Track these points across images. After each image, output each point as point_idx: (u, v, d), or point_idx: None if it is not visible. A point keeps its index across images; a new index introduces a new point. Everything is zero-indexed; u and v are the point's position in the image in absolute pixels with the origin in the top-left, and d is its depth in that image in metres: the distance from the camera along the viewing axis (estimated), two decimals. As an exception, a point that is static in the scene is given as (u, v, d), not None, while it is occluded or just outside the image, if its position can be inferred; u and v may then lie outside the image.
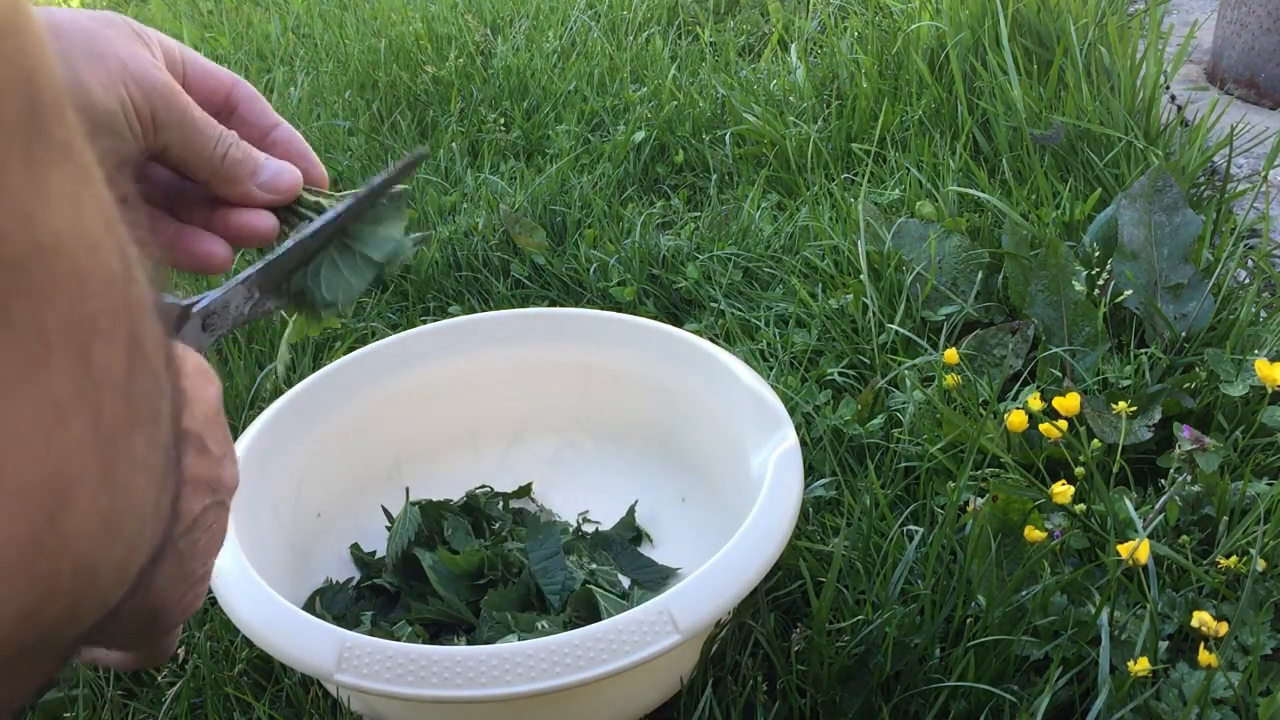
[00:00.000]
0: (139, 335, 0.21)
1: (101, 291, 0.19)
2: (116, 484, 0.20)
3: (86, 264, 0.18)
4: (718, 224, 1.24)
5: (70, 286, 0.18)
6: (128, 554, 0.22)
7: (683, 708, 0.67)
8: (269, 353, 1.08)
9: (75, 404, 0.18)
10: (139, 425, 0.21)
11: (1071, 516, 0.75)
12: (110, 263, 0.19)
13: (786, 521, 0.65)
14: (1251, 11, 1.51)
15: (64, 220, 0.18)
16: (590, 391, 0.91)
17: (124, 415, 0.20)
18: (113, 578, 0.21)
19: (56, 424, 0.18)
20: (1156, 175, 1.04)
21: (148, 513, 0.22)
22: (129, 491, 0.21)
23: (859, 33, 1.68)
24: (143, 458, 0.21)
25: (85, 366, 0.19)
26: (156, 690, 0.72)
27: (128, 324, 0.20)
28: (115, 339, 0.20)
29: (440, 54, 1.77)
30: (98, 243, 0.19)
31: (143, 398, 0.21)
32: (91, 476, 0.19)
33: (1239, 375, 0.86)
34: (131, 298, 0.20)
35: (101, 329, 0.19)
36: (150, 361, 0.21)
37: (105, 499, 0.20)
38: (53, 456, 0.18)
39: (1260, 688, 0.64)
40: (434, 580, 0.77)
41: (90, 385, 0.19)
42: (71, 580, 0.19)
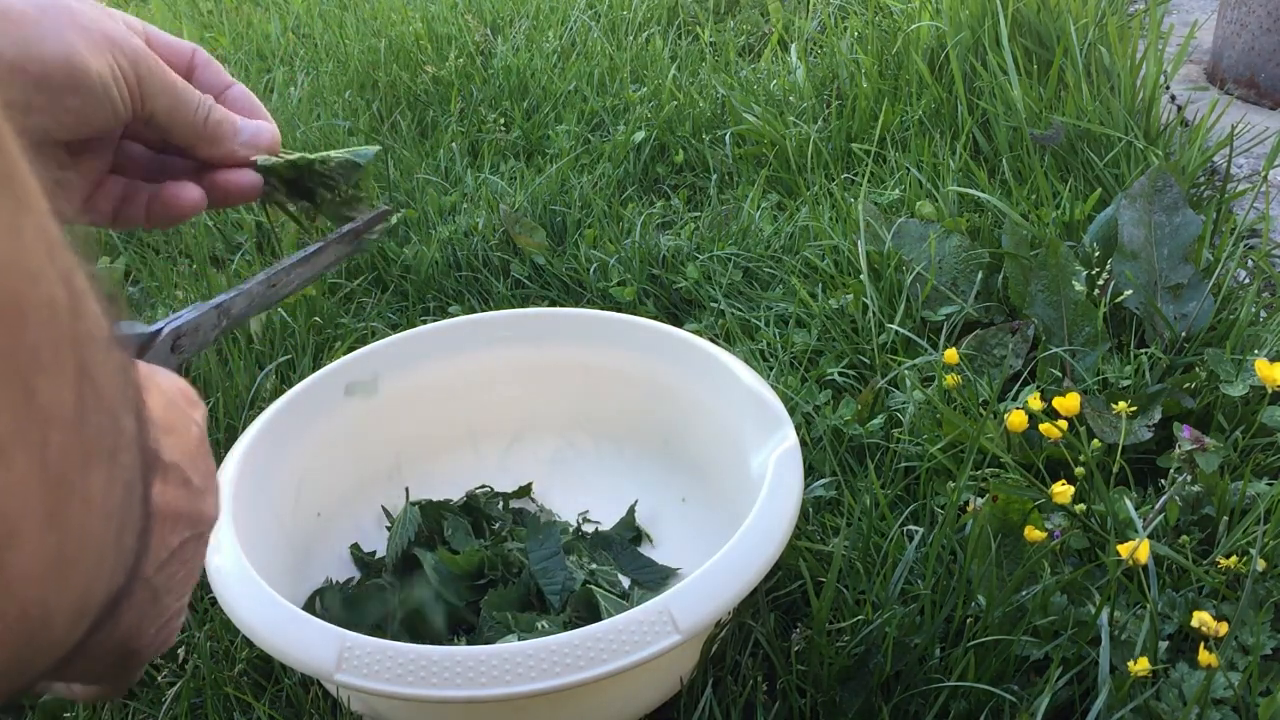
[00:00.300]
0: (89, 368, 0.20)
1: (44, 323, 0.18)
2: (68, 524, 0.19)
3: (27, 294, 0.18)
4: (718, 224, 1.24)
5: (10, 319, 0.17)
6: (83, 595, 0.21)
7: (683, 708, 0.67)
8: (269, 353, 1.08)
9: (16, 442, 0.18)
10: (94, 462, 0.20)
11: (1071, 516, 0.75)
12: (54, 294, 0.19)
13: (786, 521, 0.65)
14: (1251, 11, 1.51)
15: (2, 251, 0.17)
16: (590, 391, 0.91)
17: (75, 452, 0.19)
18: (66, 620, 0.21)
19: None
20: (1156, 175, 1.04)
21: (106, 551, 0.21)
22: (83, 531, 0.20)
23: (859, 33, 1.68)
24: (99, 495, 0.20)
25: (27, 401, 0.18)
26: (156, 690, 0.72)
27: (75, 357, 0.19)
28: (62, 372, 0.19)
29: (440, 54, 1.77)
30: (39, 273, 0.18)
31: (96, 434, 0.20)
32: (37, 517, 0.18)
33: (1239, 375, 0.86)
34: (80, 330, 0.20)
35: (44, 362, 0.18)
36: (103, 396, 0.20)
37: (54, 540, 0.19)
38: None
39: (1260, 688, 0.64)
40: (434, 580, 0.77)
41: (33, 421, 0.18)
42: (19, 625, 0.19)
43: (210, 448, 0.35)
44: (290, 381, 1.01)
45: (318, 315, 1.13)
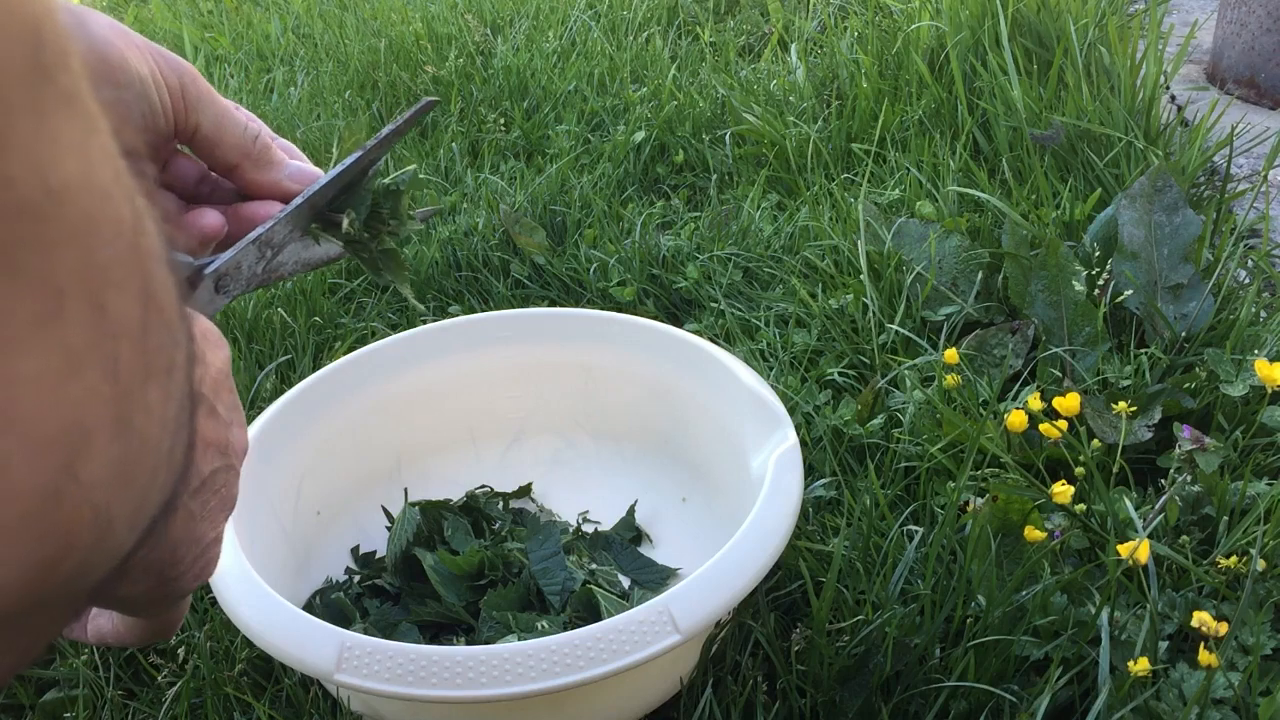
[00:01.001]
0: (152, 285, 0.21)
1: (113, 240, 0.19)
2: (132, 433, 0.20)
3: (97, 212, 0.18)
4: (718, 224, 1.24)
5: (82, 235, 0.18)
6: (141, 502, 0.22)
7: (683, 708, 0.67)
8: (269, 353, 1.08)
9: (90, 353, 0.18)
10: (154, 375, 0.21)
11: (1071, 516, 0.75)
12: (121, 212, 0.19)
13: (786, 521, 0.65)
14: (1251, 11, 1.51)
15: (73, 168, 0.18)
16: (590, 391, 0.91)
17: (139, 365, 0.20)
18: (126, 526, 0.21)
19: (71, 374, 0.18)
20: (1156, 175, 1.04)
21: (161, 462, 0.22)
22: (144, 441, 0.21)
23: (859, 33, 1.68)
24: (157, 408, 0.21)
25: (99, 316, 0.19)
26: (156, 690, 0.72)
27: (141, 273, 0.20)
28: (129, 288, 0.20)
29: (440, 54, 1.77)
30: (107, 191, 0.19)
31: (158, 348, 0.21)
32: (107, 426, 0.19)
33: (1239, 375, 0.86)
34: (143, 247, 0.20)
35: (115, 278, 0.19)
36: (164, 312, 0.21)
37: (120, 448, 0.20)
38: (69, 406, 0.18)
39: (1260, 688, 0.64)
40: (434, 581, 0.77)
41: (105, 335, 0.19)
42: (89, 529, 0.19)
43: (234, 383, 0.35)
44: (290, 381, 1.01)
45: (318, 315, 1.13)
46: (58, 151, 0.17)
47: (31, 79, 0.17)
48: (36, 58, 0.17)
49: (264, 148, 0.48)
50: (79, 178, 0.18)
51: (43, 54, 0.17)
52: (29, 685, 0.74)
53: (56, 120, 0.17)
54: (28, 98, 0.16)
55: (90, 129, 0.18)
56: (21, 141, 0.16)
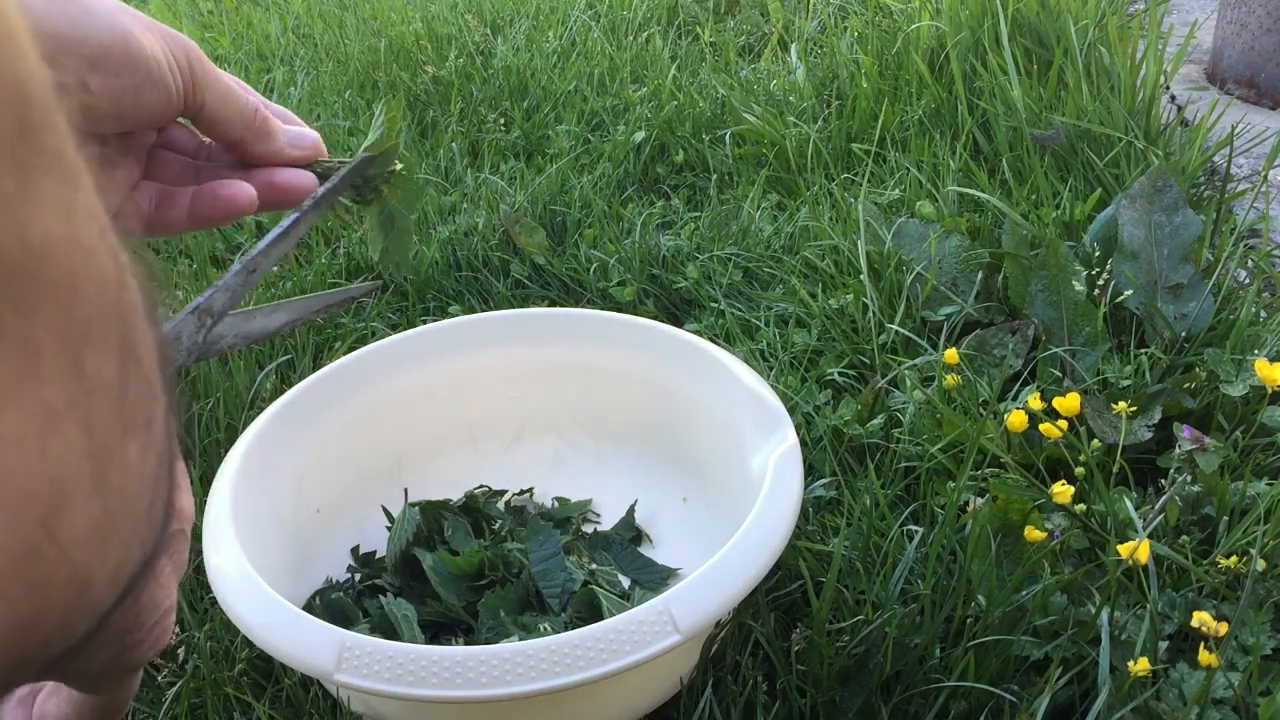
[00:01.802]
0: (132, 341, 0.21)
1: (94, 298, 0.19)
2: (110, 490, 0.20)
3: (79, 270, 0.18)
4: (718, 224, 1.24)
5: (62, 294, 0.18)
6: (121, 560, 0.22)
7: (683, 708, 0.67)
8: (269, 353, 1.08)
9: (68, 411, 0.18)
10: (132, 431, 0.21)
11: (1071, 516, 0.75)
12: (104, 268, 0.19)
13: (786, 521, 0.65)
14: (1251, 11, 1.51)
15: (55, 227, 0.18)
16: (590, 391, 0.91)
17: (116, 421, 0.20)
18: (106, 585, 0.21)
19: (50, 431, 0.18)
20: (1156, 175, 1.04)
21: (140, 518, 0.22)
22: (123, 497, 0.21)
23: (859, 33, 1.68)
24: (136, 463, 0.21)
25: (78, 373, 0.18)
26: (156, 690, 0.72)
27: (120, 329, 0.20)
28: (107, 345, 0.19)
29: (440, 54, 1.77)
30: (90, 248, 0.19)
31: (135, 403, 0.21)
32: (85, 483, 0.19)
33: (1239, 375, 0.86)
34: (124, 303, 0.20)
35: (94, 335, 0.19)
36: (143, 366, 0.21)
37: (99, 506, 0.20)
38: (47, 464, 0.18)
39: (1260, 688, 0.64)
40: (434, 581, 0.77)
41: (83, 392, 0.19)
42: (66, 589, 0.19)
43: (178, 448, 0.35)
44: (290, 381, 1.01)
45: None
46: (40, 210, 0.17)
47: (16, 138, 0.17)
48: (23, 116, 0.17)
49: (264, 120, 0.49)
50: (61, 236, 0.18)
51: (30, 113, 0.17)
52: (29, 685, 0.74)
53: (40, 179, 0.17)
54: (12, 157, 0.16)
55: (74, 186, 0.18)
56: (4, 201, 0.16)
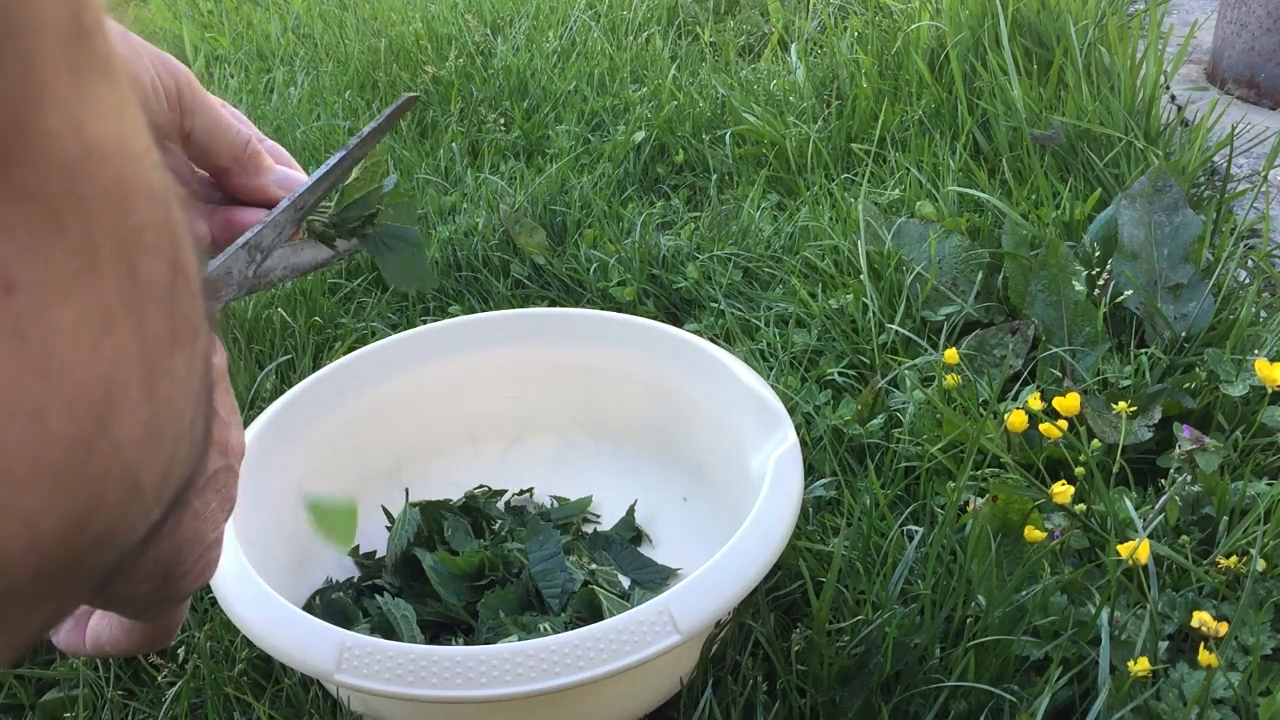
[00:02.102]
0: (180, 255, 0.21)
1: (146, 205, 0.19)
2: (159, 396, 0.20)
3: (132, 176, 0.19)
4: (718, 224, 1.24)
5: (118, 196, 0.18)
6: (166, 470, 0.22)
7: (683, 708, 0.67)
8: (269, 353, 1.08)
9: (123, 312, 0.19)
10: (179, 343, 0.21)
11: (1071, 516, 0.75)
12: (153, 180, 0.20)
13: (786, 521, 0.65)
14: (1251, 11, 1.51)
15: (109, 130, 0.18)
16: (590, 391, 0.91)
17: (166, 330, 0.20)
18: (153, 493, 0.22)
19: (105, 330, 0.18)
20: (1156, 175, 1.04)
21: (184, 432, 0.22)
22: (170, 406, 0.21)
23: (859, 33, 1.68)
24: (182, 375, 0.21)
25: (132, 276, 0.19)
26: (156, 690, 0.72)
27: (170, 241, 0.20)
28: (160, 254, 0.20)
29: (440, 54, 1.77)
30: (140, 158, 0.19)
31: (184, 317, 0.21)
32: (138, 385, 0.19)
33: (1239, 375, 0.86)
34: (173, 218, 0.21)
35: (147, 242, 0.19)
36: (191, 283, 0.22)
37: (149, 410, 0.20)
38: (102, 361, 0.18)
39: (1260, 688, 0.64)
40: (434, 581, 0.77)
41: (137, 296, 0.19)
42: (119, 488, 0.20)
43: (230, 384, 0.35)
44: (290, 381, 1.01)
45: (318, 315, 1.13)
46: (95, 111, 0.17)
47: (72, 38, 0.17)
48: (78, 18, 0.17)
49: (254, 154, 0.48)
50: (114, 140, 0.18)
51: (84, 15, 0.17)
52: (29, 685, 0.74)
53: (94, 82, 0.17)
54: (68, 56, 0.17)
55: (124, 94, 0.19)
56: (62, 99, 0.17)
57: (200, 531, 0.33)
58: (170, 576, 0.32)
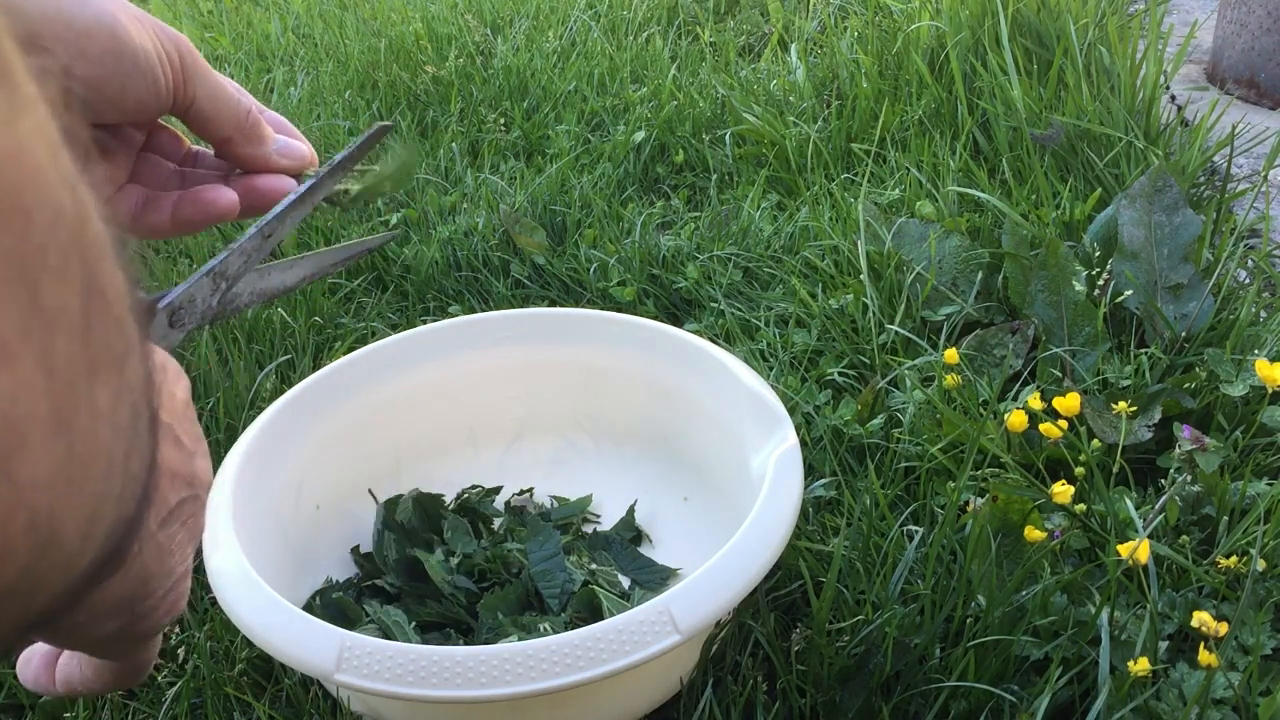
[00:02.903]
0: (97, 281, 0.19)
1: (50, 225, 0.18)
2: (75, 432, 0.19)
3: (29, 193, 0.17)
4: (718, 224, 1.24)
5: (11, 215, 0.17)
6: (92, 511, 0.20)
7: (683, 708, 0.67)
8: (269, 353, 1.08)
9: (22, 343, 0.17)
10: (100, 374, 0.20)
11: (1071, 516, 0.75)
12: (59, 198, 0.18)
13: (786, 521, 0.65)
14: (1251, 11, 1.51)
15: (2, 142, 0.17)
16: (590, 391, 0.91)
17: (81, 361, 0.19)
18: (76, 536, 0.20)
19: (1, 363, 0.17)
20: (1156, 175, 1.04)
21: (115, 470, 0.21)
22: (90, 441, 0.19)
23: (859, 33, 1.68)
24: (106, 409, 0.20)
25: (33, 303, 0.17)
26: (156, 690, 0.72)
27: (82, 264, 0.19)
28: (68, 278, 0.18)
29: (440, 54, 1.77)
30: (41, 173, 0.18)
31: (104, 346, 0.20)
32: (45, 423, 0.18)
33: (1239, 375, 0.86)
34: (87, 239, 0.19)
35: (51, 265, 0.18)
36: (112, 310, 0.20)
37: (62, 447, 0.18)
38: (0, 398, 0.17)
39: (1260, 688, 0.64)
40: (436, 580, 0.77)
41: (39, 324, 0.18)
42: (28, 535, 0.18)
43: (195, 414, 0.34)
44: (290, 381, 1.01)
45: (318, 315, 1.13)
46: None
47: None
48: None
49: (255, 123, 0.48)
50: (6, 155, 0.17)
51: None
52: (29, 685, 0.74)
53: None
54: None
55: (20, 107, 0.17)
56: None
57: (166, 565, 0.32)
58: (137, 614, 0.31)
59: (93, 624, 0.30)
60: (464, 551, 0.81)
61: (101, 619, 0.30)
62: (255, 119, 0.48)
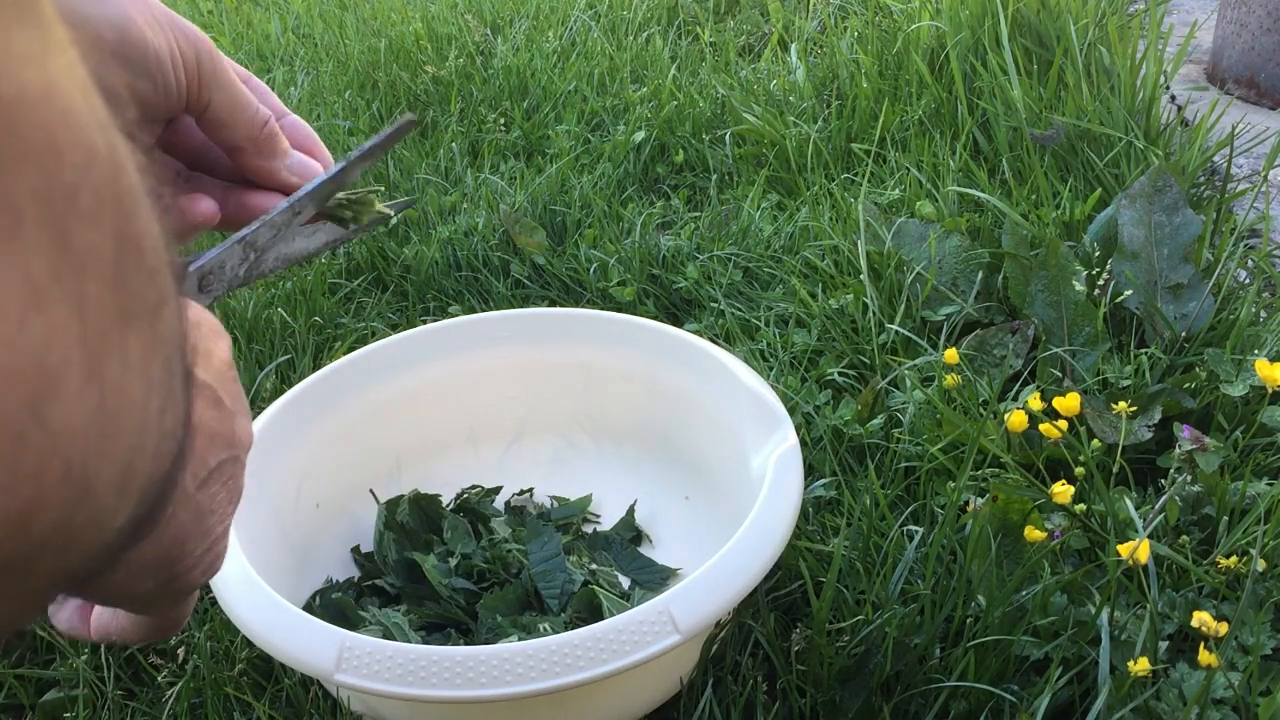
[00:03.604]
0: (131, 227, 0.19)
1: (81, 166, 0.17)
2: (107, 381, 0.18)
3: (60, 133, 0.17)
4: (718, 224, 1.24)
5: (41, 153, 0.16)
6: (126, 464, 0.20)
7: (683, 708, 0.67)
8: (269, 353, 1.08)
9: (54, 286, 0.17)
10: (132, 324, 0.19)
11: (1071, 516, 0.75)
12: (91, 139, 0.18)
13: (786, 521, 0.65)
14: (1251, 11, 1.51)
15: (31, 81, 0.16)
16: (590, 391, 0.91)
17: (113, 309, 0.18)
18: (111, 490, 0.19)
19: (32, 306, 0.16)
20: (1156, 175, 1.04)
21: (149, 424, 0.20)
22: (123, 392, 0.19)
23: (859, 33, 1.68)
24: (138, 360, 0.19)
25: (64, 246, 0.17)
26: (156, 690, 0.72)
27: (115, 210, 0.18)
28: (100, 223, 0.18)
29: (440, 54, 1.77)
30: (73, 114, 0.17)
31: (137, 295, 0.19)
32: (77, 369, 0.17)
33: (1239, 375, 0.86)
34: (121, 185, 0.18)
35: (83, 208, 0.17)
36: (145, 257, 0.19)
37: (95, 396, 0.18)
38: (30, 341, 0.16)
39: (1260, 688, 0.64)
40: (434, 583, 0.77)
41: (70, 269, 0.17)
42: (62, 485, 0.18)
43: (237, 374, 0.34)
44: (290, 381, 1.01)
45: (318, 315, 1.13)
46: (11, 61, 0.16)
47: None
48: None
49: (270, 135, 0.47)
50: (37, 92, 0.16)
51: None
52: (29, 685, 0.74)
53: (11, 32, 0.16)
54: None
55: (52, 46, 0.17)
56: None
57: (206, 524, 0.32)
58: (175, 572, 0.31)
59: (129, 582, 0.29)
60: (463, 552, 0.81)
61: (138, 578, 0.29)
62: (271, 131, 0.47)
